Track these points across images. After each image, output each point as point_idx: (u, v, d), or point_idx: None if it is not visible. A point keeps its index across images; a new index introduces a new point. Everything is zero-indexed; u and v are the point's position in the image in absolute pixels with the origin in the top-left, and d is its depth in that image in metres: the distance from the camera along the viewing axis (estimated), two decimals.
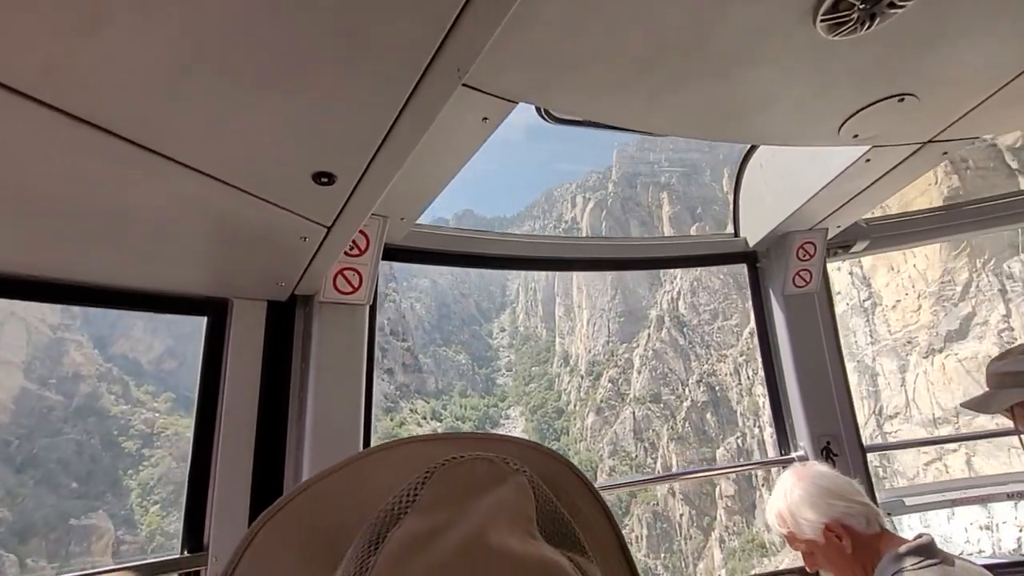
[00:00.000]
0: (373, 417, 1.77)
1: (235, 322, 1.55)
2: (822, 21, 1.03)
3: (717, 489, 51.51)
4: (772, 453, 2.51)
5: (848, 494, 1.34)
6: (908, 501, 2.46)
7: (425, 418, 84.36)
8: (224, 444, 1.49)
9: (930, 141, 1.61)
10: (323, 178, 1.01)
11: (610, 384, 72.68)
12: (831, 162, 1.83)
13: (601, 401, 72.48)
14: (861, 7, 1.01)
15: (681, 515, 53.51)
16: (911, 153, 1.67)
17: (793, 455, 2.19)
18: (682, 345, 68.44)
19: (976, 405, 1.50)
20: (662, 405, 65.71)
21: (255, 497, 1.49)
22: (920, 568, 1.21)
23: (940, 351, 27.63)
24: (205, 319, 1.54)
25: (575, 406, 79.38)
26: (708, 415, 58.88)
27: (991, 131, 1.63)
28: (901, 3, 1.01)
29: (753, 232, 2.35)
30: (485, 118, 1.22)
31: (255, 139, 0.90)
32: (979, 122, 1.53)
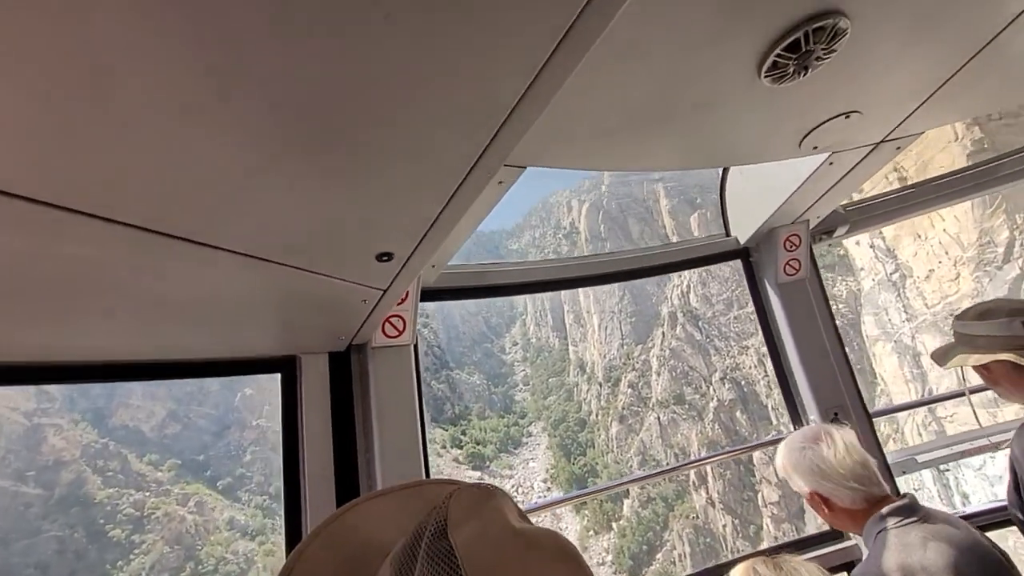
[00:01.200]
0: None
1: (304, 375, 1.82)
2: (766, 76, 1.31)
3: (759, 496, 49.74)
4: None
5: (840, 479, 1.43)
6: (920, 458, 2.69)
7: (444, 446, 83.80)
8: (310, 477, 1.76)
9: (881, 142, 1.88)
10: (384, 256, 1.28)
11: (630, 389, 71.60)
12: (801, 166, 2.10)
13: (623, 408, 71.42)
14: (794, 64, 1.29)
15: (724, 526, 51.73)
16: (867, 154, 1.94)
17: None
18: (699, 340, 67.36)
19: (935, 357, 1.72)
20: (687, 406, 64.61)
21: None
22: (900, 527, 1.37)
23: None
24: (279, 375, 1.81)
25: (597, 416, 78.58)
26: (738, 413, 57.59)
27: (932, 126, 1.90)
28: (826, 56, 1.29)
29: (743, 230, 2.61)
30: (500, 182, 1.50)
31: (330, 231, 1.17)
32: (919, 122, 1.80)
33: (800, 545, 2.33)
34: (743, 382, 59.42)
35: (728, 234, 2.68)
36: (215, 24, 0.57)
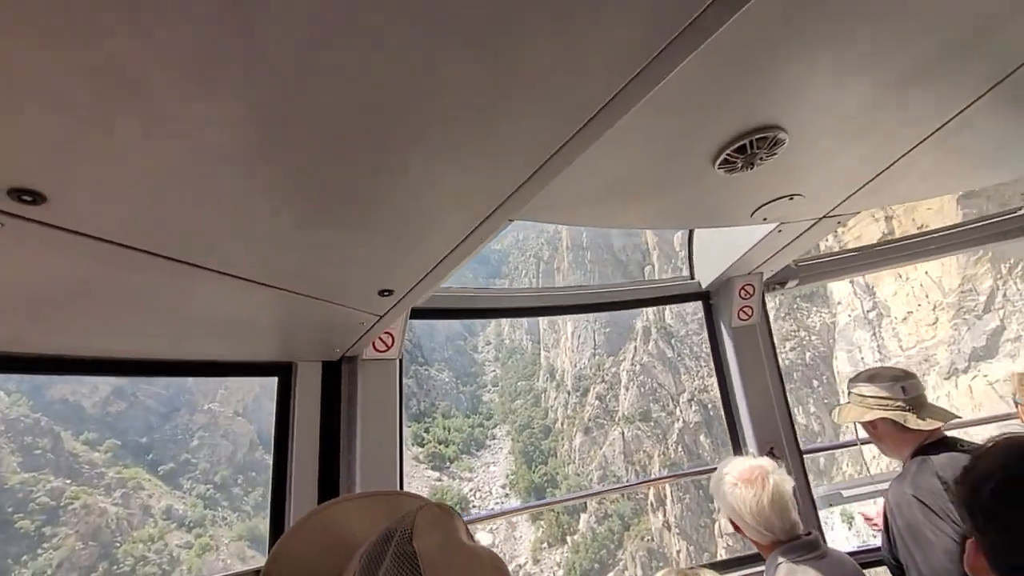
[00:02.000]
0: None
1: (299, 380, 2.05)
2: (719, 168, 1.60)
3: (716, 525, 49.77)
4: None
5: (754, 523, 1.64)
6: (845, 493, 3.06)
7: (406, 444, 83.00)
8: (296, 476, 1.98)
9: (822, 218, 2.22)
10: (385, 292, 1.53)
11: (598, 401, 72.19)
12: (756, 228, 2.43)
13: (589, 420, 72.00)
14: (742, 161, 1.58)
15: (678, 551, 52.41)
16: (811, 226, 2.27)
17: None
18: (670, 358, 68.36)
19: (833, 415, 2.06)
20: (652, 423, 65.55)
21: None
22: (795, 562, 1.60)
23: (965, 371, 24.27)
24: (276, 379, 2.03)
25: (563, 424, 79.20)
26: (702, 437, 58.54)
27: (869, 207, 2.25)
28: (768, 157, 1.59)
29: (705, 275, 2.94)
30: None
31: (340, 269, 1.39)
32: (856, 204, 2.14)
33: (725, 565, 2.65)
34: (710, 405, 60.31)
35: (692, 277, 3.00)
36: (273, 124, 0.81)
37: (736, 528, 1.77)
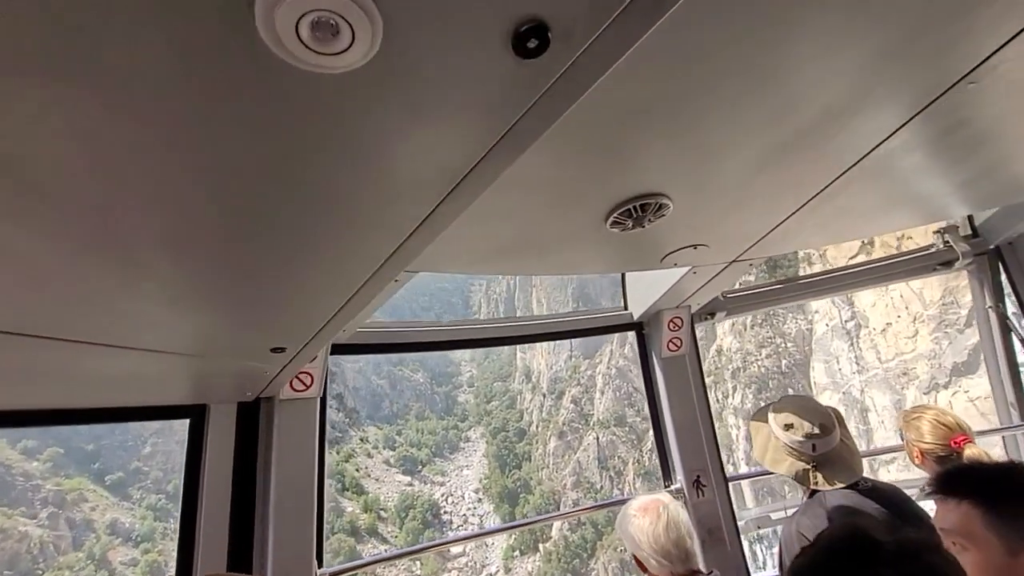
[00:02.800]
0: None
1: (212, 422, 2.09)
2: (611, 227, 1.70)
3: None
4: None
5: (651, 552, 1.76)
6: (773, 516, 3.25)
7: (376, 447, 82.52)
8: (205, 519, 2.03)
9: (733, 262, 2.37)
10: (277, 350, 1.59)
11: (573, 405, 72.91)
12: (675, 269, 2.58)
13: (563, 424, 72.55)
14: (631, 221, 1.68)
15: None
16: (722, 269, 2.43)
17: (672, 487, 2.92)
18: None
19: (753, 438, 2.20)
20: (627, 428, 66.23)
21: (232, 560, 2.04)
22: None
23: (945, 386, 23.69)
24: (188, 421, 2.08)
25: (537, 427, 79.66)
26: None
27: (776, 253, 2.41)
28: (656, 219, 1.69)
29: (637, 307, 3.08)
30: (396, 280, 1.85)
31: (228, 332, 1.45)
32: (764, 250, 2.28)
33: None
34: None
35: (626, 307, 3.14)
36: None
37: (639, 565, 1.89)
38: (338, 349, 2.46)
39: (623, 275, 3.11)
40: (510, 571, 64.16)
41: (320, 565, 2.19)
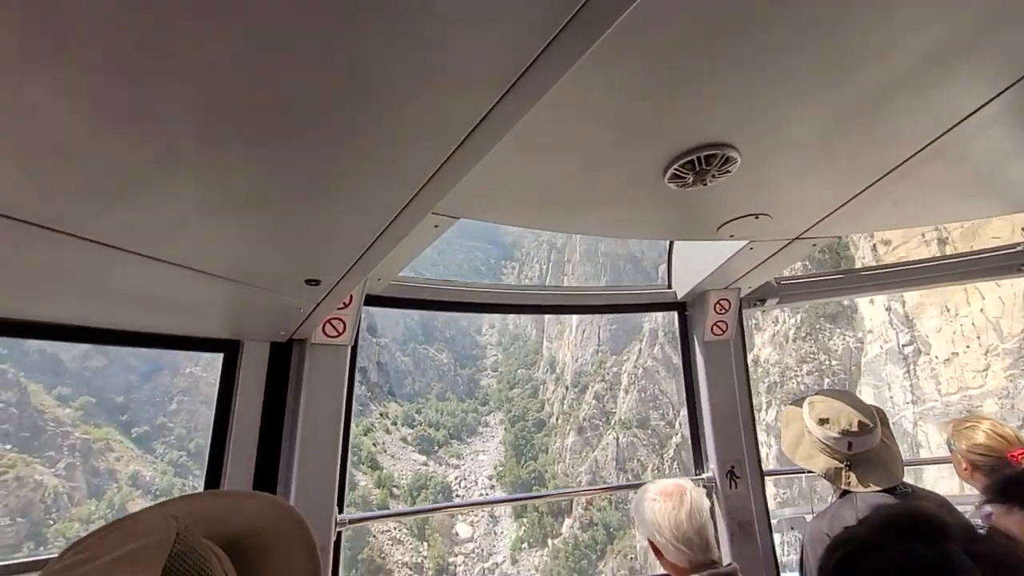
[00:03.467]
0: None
1: (245, 359, 2.14)
2: (668, 182, 1.64)
3: None
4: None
5: (672, 539, 1.68)
6: (808, 518, 3.15)
7: (395, 423, 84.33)
8: (233, 453, 2.08)
9: (796, 238, 2.26)
10: (312, 282, 1.59)
11: (595, 401, 72.42)
12: (731, 243, 2.48)
13: (584, 420, 72.23)
14: (693, 176, 1.61)
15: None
16: (784, 245, 2.32)
17: (704, 476, 2.86)
18: (676, 364, 67.28)
19: (782, 428, 2.10)
20: (650, 432, 65.41)
21: None
22: None
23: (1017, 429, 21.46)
24: (222, 356, 2.13)
25: (557, 419, 79.69)
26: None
27: (844, 233, 2.28)
28: (720, 175, 1.62)
29: (682, 286, 3.00)
30: (436, 225, 1.83)
31: (262, 258, 1.45)
32: (831, 228, 2.17)
33: None
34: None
35: (670, 287, 3.06)
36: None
37: (655, 551, 1.83)
38: (372, 300, 2.47)
39: (670, 250, 3.02)
40: (516, 562, 64.95)
41: (340, 511, 2.23)
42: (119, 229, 1.19)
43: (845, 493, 1.88)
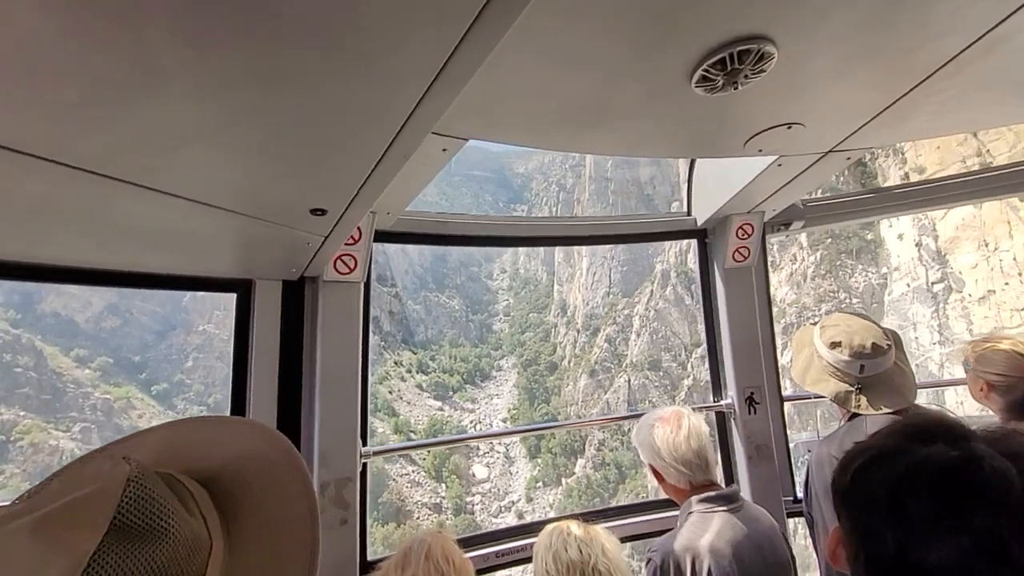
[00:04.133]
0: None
1: (258, 298, 2.14)
2: (696, 87, 1.54)
3: None
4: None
5: (671, 460, 1.75)
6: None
7: (410, 371, 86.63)
8: (254, 392, 2.13)
9: (828, 152, 2.17)
10: (317, 211, 1.55)
11: (607, 344, 73.03)
12: (756, 161, 2.39)
13: (596, 362, 73.34)
14: (723, 78, 1.52)
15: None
16: (816, 160, 2.22)
17: (722, 403, 2.90)
18: (688, 305, 67.96)
19: (790, 349, 2.09)
20: (662, 374, 66.29)
21: (280, 431, 2.15)
22: (706, 513, 1.71)
23: None
24: (235, 296, 2.13)
25: (569, 363, 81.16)
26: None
27: (881, 144, 2.18)
28: (754, 76, 1.52)
29: (702, 211, 2.92)
30: (444, 149, 1.76)
31: (264, 186, 1.40)
32: (866, 138, 2.06)
33: (644, 507, 2.81)
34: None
35: (689, 213, 2.99)
36: None
37: (657, 476, 1.87)
38: (382, 236, 2.44)
39: (689, 175, 2.93)
40: (531, 500, 68.19)
41: (364, 443, 2.30)
42: (109, 155, 1.14)
43: (853, 416, 1.87)
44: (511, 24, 0.91)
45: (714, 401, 2.96)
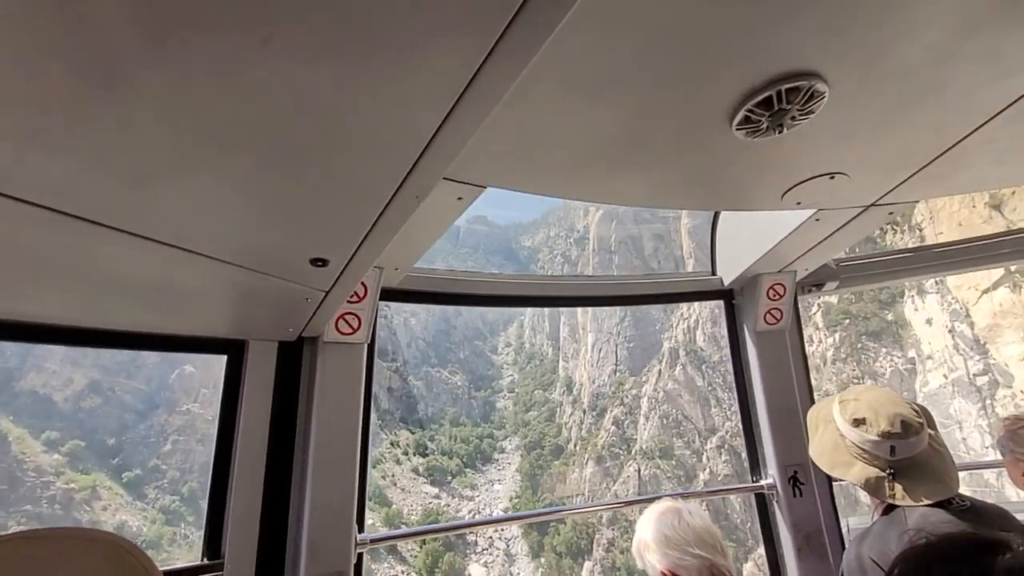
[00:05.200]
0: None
1: (251, 359, 2.01)
2: (737, 129, 1.50)
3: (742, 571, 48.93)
4: None
5: (685, 545, 1.57)
6: None
7: (407, 453, 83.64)
8: (239, 465, 1.94)
9: (871, 205, 2.11)
10: (318, 262, 1.45)
11: (614, 427, 70.64)
12: (789, 216, 2.33)
13: (603, 448, 70.53)
14: (767, 120, 1.47)
15: None
16: (856, 215, 2.16)
17: (763, 483, 2.67)
18: (700, 387, 65.99)
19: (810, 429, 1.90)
20: (674, 463, 63.50)
21: (265, 513, 1.95)
22: None
23: None
24: (225, 357, 2.00)
25: (575, 446, 78.54)
26: (732, 496, 54.90)
27: (930, 196, 2.12)
28: (802, 117, 1.47)
29: (728, 271, 2.85)
30: (459, 198, 1.71)
31: (263, 235, 1.32)
32: (914, 191, 1.99)
33: None
34: (744, 455, 55.49)
35: (714, 272, 2.91)
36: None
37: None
38: (389, 295, 2.34)
39: (713, 232, 2.88)
40: None
41: (361, 530, 2.07)
42: (91, 197, 1.06)
43: (889, 509, 1.66)
44: (544, 40, 0.83)
45: (752, 480, 2.73)
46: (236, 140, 0.95)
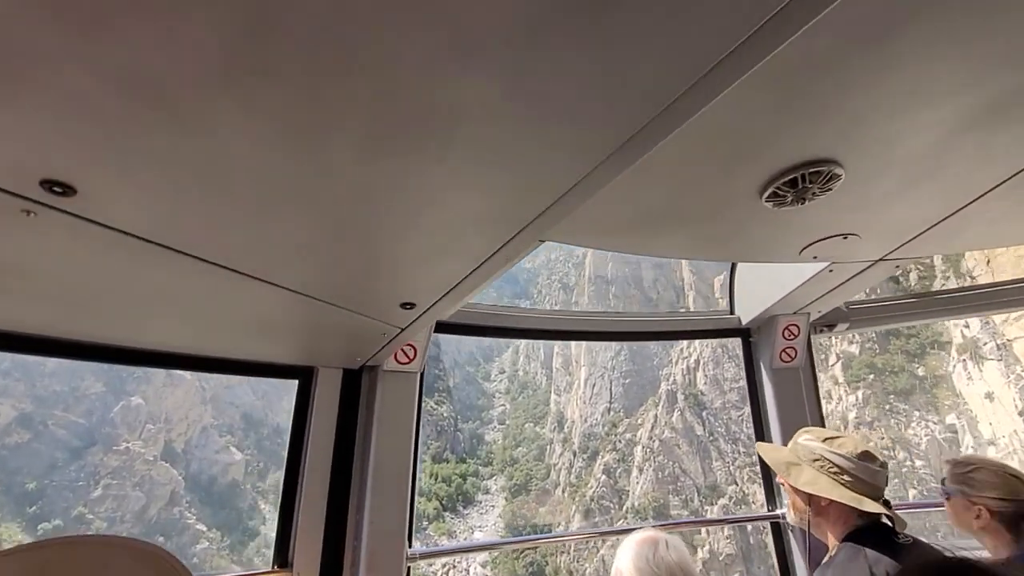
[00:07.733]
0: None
1: (319, 385, 2.43)
2: (766, 201, 1.96)
3: None
4: None
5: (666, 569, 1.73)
6: None
7: None
8: (307, 482, 2.34)
9: (880, 260, 2.58)
10: (407, 305, 1.88)
11: (605, 476, 68.30)
12: (805, 266, 2.81)
13: (592, 500, 67.94)
14: (792, 195, 1.92)
15: None
16: (866, 267, 2.63)
17: (778, 512, 3.09)
18: (700, 436, 63.28)
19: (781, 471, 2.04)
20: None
21: (328, 525, 2.34)
22: None
23: None
24: (297, 382, 2.41)
25: (564, 492, 77.29)
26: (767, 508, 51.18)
27: (934, 253, 2.59)
28: (821, 193, 1.92)
29: (746, 311, 3.32)
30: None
31: (364, 280, 1.73)
32: (920, 248, 2.43)
33: None
34: (750, 528, 49.05)
35: (732, 312, 3.38)
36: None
37: None
38: (442, 327, 2.77)
39: (731, 275, 3.36)
40: None
41: (410, 544, 2.46)
42: (236, 251, 1.45)
43: (848, 538, 1.88)
44: (642, 155, 1.28)
45: (768, 510, 3.15)
46: (368, 220, 1.35)
